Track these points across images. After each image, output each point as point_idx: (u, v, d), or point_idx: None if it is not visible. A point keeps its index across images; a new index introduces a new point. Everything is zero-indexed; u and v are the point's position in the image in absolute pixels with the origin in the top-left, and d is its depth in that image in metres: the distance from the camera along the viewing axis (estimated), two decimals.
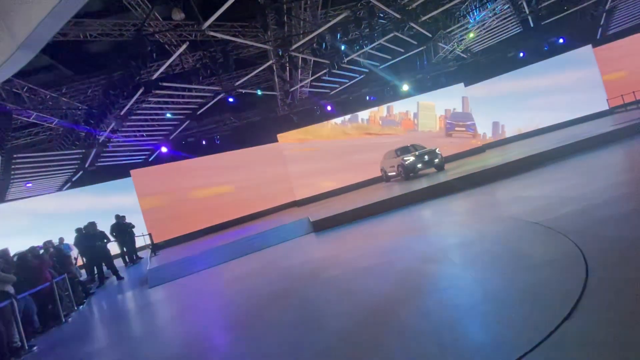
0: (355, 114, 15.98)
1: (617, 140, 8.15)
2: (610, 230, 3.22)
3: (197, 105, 12.23)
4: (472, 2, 11.42)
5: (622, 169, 5.71)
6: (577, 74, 15.16)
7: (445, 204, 6.91)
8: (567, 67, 15.27)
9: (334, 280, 4.11)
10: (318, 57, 11.38)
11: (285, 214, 13.03)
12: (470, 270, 3.34)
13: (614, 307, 2.02)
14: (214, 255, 7.68)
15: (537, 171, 7.36)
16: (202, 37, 9.23)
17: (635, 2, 13.40)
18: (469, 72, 16.22)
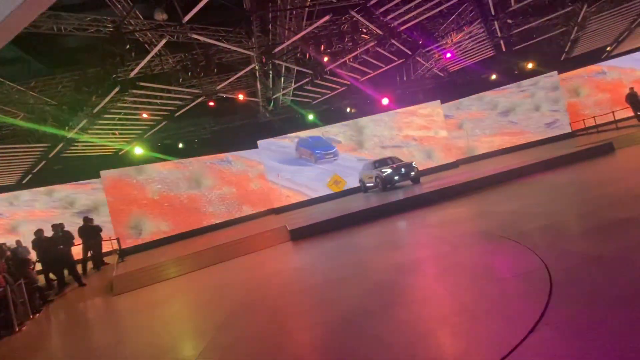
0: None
1: (579, 160, 8.73)
2: (574, 245, 3.42)
3: (176, 107, 11.94)
4: (450, 24, 11.99)
5: (584, 188, 6.10)
6: (544, 98, 16.16)
7: (420, 216, 7.09)
8: (535, 91, 16.25)
9: (309, 290, 4.08)
10: (301, 67, 11.49)
11: (262, 221, 12.85)
12: (442, 282, 3.43)
13: (576, 321, 2.13)
14: (186, 263, 7.42)
15: (505, 187, 7.74)
16: (185, 39, 9.09)
17: (597, 34, 14.56)
18: (445, 90, 16.90)
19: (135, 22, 8.02)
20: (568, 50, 15.59)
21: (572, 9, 11.46)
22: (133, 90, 9.61)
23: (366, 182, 13.36)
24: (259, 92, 13.03)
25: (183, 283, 6.42)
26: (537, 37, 13.83)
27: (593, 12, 12.02)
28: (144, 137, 13.50)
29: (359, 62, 12.19)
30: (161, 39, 8.36)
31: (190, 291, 5.75)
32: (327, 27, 10.33)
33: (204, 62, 9.53)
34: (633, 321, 1.96)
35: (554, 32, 13.56)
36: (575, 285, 2.58)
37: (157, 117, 12.04)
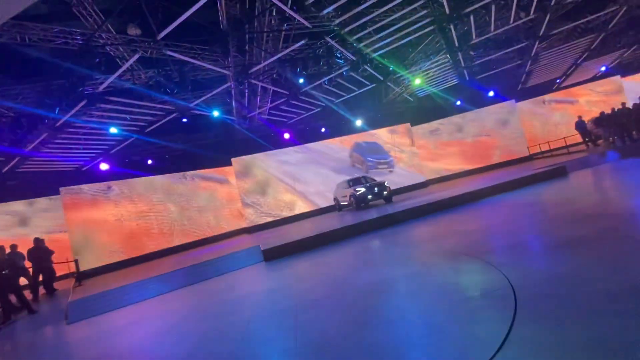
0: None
1: (536, 182, 9.36)
2: (536, 264, 3.62)
3: (146, 122, 11.61)
4: (419, 53, 12.77)
5: (542, 208, 6.53)
6: (504, 123, 17.37)
7: (392, 235, 7.22)
8: (496, 117, 17.45)
9: (282, 313, 3.98)
10: (277, 87, 11.67)
11: (234, 241, 12.51)
12: (414, 302, 3.48)
13: (541, 338, 2.24)
14: (151, 286, 7.01)
15: (470, 207, 8.12)
16: (158, 55, 9.00)
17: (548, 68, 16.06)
18: (414, 114, 17.75)
19: (107, 35, 7.86)
20: (523, 81, 17.02)
21: (526, 45, 12.64)
22: (101, 105, 9.27)
23: (340, 201, 13.49)
24: (234, 109, 13.01)
25: (147, 309, 6.04)
26: (496, 68, 15.02)
27: (544, 47, 13.32)
28: (110, 152, 12.91)
29: (334, 85, 12.57)
30: (134, 54, 8.22)
31: (155, 318, 5.41)
32: (303, 50, 10.65)
33: (178, 78, 9.45)
34: (591, 338, 2.09)
35: (511, 64, 14.82)
36: (538, 302, 2.71)
37: (126, 132, 11.61)
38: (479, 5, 9.30)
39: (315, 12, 8.60)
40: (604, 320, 2.24)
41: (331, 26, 9.33)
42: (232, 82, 10.69)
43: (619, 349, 1.92)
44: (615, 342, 1.98)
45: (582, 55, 15.02)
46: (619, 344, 1.96)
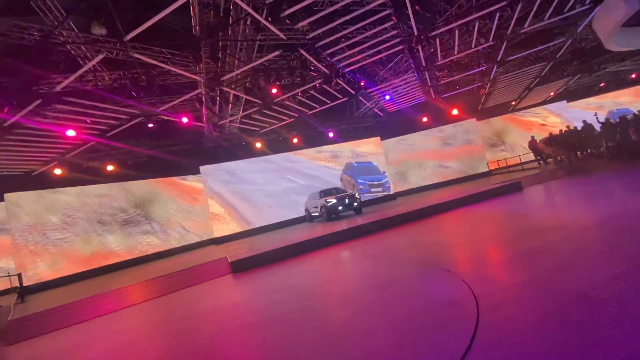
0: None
1: (494, 196, 9.96)
2: (497, 273, 3.82)
3: (108, 126, 10.99)
4: (389, 70, 13.31)
5: (500, 221, 6.94)
6: (466, 140, 18.43)
7: (361, 246, 7.31)
8: (458, 134, 18.47)
9: (249, 327, 3.87)
10: (250, 96, 11.58)
11: (202, 252, 12.03)
12: (381, 313, 3.52)
13: (502, 346, 2.35)
14: (106, 301, 6.53)
15: (435, 219, 8.46)
16: (125, 57, 8.63)
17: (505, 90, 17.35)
18: (384, 128, 18.35)
19: (68, 33, 7.43)
20: (483, 101, 18.23)
21: (486, 68, 13.61)
22: (57, 105, 8.67)
23: (311, 212, 13.49)
24: (204, 117, 12.69)
25: (101, 326, 5.60)
26: (459, 89, 16.00)
27: (502, 72, 14.41)
28: (66, 156, 12.03)
29: (307, 96, 12.71)
30: (97, 54, 7.82)
31: (109, 336, 5.02)
32: (277, 61, 10.71)
33: (146, 82, 9.09)
34: (552, 345, 2.23)
35: (473, 85, 15.86)
36: (499, 311, 2.86)
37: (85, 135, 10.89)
38: (444, 29, 9.92)
39: (290, 25, 8.72)
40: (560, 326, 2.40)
41: (305, 39, 9.50)
42: (204, 88, 10.46)
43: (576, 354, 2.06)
44: (572, 348, 2.13)
45: (534, 80, 16.41)
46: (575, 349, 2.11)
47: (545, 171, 13.05)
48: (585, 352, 2.03)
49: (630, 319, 2.26)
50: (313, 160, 16.83)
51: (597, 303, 2.57)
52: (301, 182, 16.09)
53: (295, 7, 7.63)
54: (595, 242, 4.14)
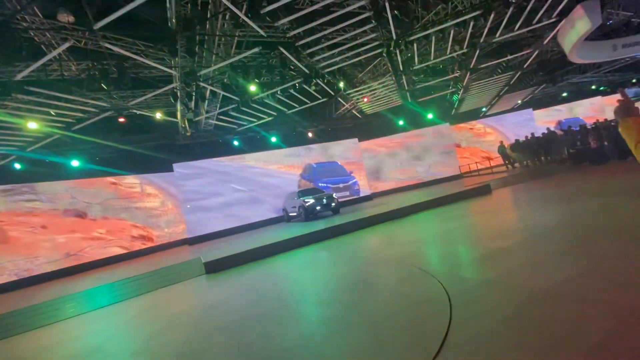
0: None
1: (465, 198, 10.35)
2: (468, 272, 3.96)
3: (74, 119, 10.39)
4: (367, 73, 13.51)
5: (470, 221, 7.22)
6: (440, 144, 19.05)
7: (338, 245, 7.36)
8: (434, 137, 19.06)
9: (224, 329, 3.78)
10: (228, 92, 11.35)
11: (174, 252, 11.64)
12: (359, 312, 3.56)
13: (475, 341, 2.43)
14: (72, 303, 6.16)
15: (409, 219, 8.68)
16: (94, 47, 8.20)
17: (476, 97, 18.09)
18: (362, 130, 18.60)
19: (32, 18, 6.96)
20: (456, 107, 18.91)
21: (460, 75, 14.14)
22: (18, 95, 8.09)
23: (289, 212, 13.43)
24: (179, 112, 12.30)
25: (68, 329, 5.27)
26: (434, 94, 16.52)
27: (474, 79, 15.01)
28: (26, 150, 11.26)
29: (286, 95, 12.64)
30: (64, 42, 7.38)
31: (75, 339, 4.74)
32: (256, 59, 10.57)
33: (117, 74, 8.68)
34: (520, 340, 2.34)
35: (447, 91, 16.42)
36: (471, 308, 2.97)
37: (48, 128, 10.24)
38: (421, 35, 10.20)
39: (270, 22, 8.63)
40: (527, 322, 2.53)
41: (285, 38, 9.44)
42: (179, 83, 10.13)
43: (541, 349, 2.18)
44: (539, 343, 2.24)
45: (503, 88, 17.23)
46: (541, 344, 2.23)
47: (512, 175, 13.73)
48: (551, 346, 2.15)
49: (591, 315, 2.41)
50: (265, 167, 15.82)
51: (561, 299, 2.73)
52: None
53: (275, 4, 7.56)
54: (557, 241, 4.40)
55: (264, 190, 15.32)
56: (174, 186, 13.77)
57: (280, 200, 14.76)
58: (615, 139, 10.91)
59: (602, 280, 2.93)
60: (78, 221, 11.47)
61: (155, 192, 13.33)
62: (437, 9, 9.71)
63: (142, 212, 12.71)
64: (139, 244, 12.34)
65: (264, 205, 15.10)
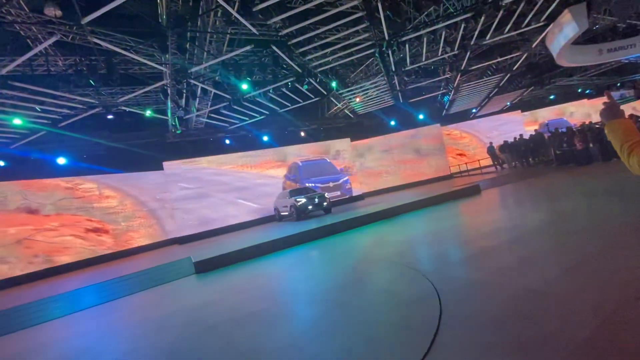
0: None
1: (455, 198, 10.47)
2: (458, 271, 4.01)
3: (61, 115, 10.15)
4: (360, 73, 13.55)
5: (460, 221, 7.32)
6: (430, 144, 19.24)
7: (329, 245, 7.38)
8: (424, 137, 19.23)
9: (215, 329, 3.75)
10: (219, 90, 11.25)
11: (164, 252, 11.50)
12: (350, 311, 3.57)
13: (464, 340, 2.47)
14: (58, 304, 6.03)
15: (400, 219, 8.75)
16: (82, 41, 8.03)
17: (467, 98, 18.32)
18: (354, 130, 18.65)
19: (17, 12, 6.77)
20: (447, 108, 19.11)
21: (450, 76, 14.29)
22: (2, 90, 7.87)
23: (281, 211, 13.39)
24: (169, 110, 12.13)
25: (54, 331, 5.16)
26: (425, 94, 16.67)
27: (464, 81, 15.19)
28: (10, 147, 10.96)
29: (278, 94, 12.59)
30: (50, 37, 7.20)
31: (62, 341, 4.65)
32: (248, 57, 10.50)
33: (105, 70, 8.52)
34: (509, 339, 2.38)
35: (438, 92, 16.59)
36: (460, 307, 3.01)
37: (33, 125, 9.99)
38: (413, 36, 10.27)
39: (262, 20, 8.58)
40: (515, 320, 2.58)
41: (278, 36, 9.39)
42: (169, 80, 9.99)
43: (529, 347, 2.22)
44: (526, 341, 2.29)
45: (492, 90, 17.49)
46: (529, 342, 2.27)
47: (501, 175, 13.96)
48: (539, 344, 2.20)
49: (577, 312, 2.47)
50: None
51: (547, 297, 2.79)
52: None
53: (267, 2, 7.52)
54: (543, 241, 4.49)
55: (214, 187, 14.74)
56: (136, 187, 13.28)
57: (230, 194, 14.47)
58: (600, 141, 11.20)
59: (587, 278, 3.01)
60: (30, 217, 11.04)
61: (113, 193, 12.76)
62: (429, 10, 9.79)
63: (99, 211, 12.31)
64: (93, 235, 12.00)
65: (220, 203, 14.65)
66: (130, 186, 13.10)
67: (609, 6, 11.09)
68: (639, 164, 1.20)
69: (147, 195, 13.35)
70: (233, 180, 14.85)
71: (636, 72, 19.91)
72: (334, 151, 17.39)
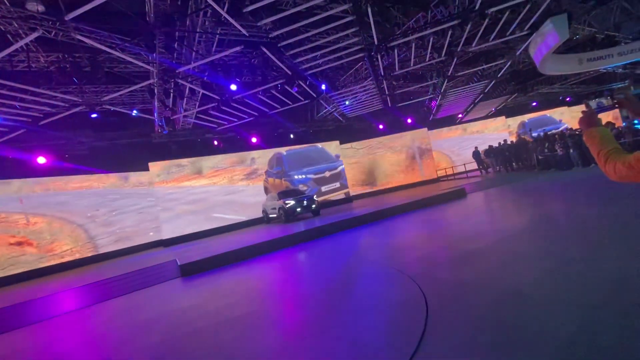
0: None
1: (442, 201, 10.64)
2: (443, 273, 4.07)
3: (42, 113, 9.84)
4: (349, 77, 13.65)
5: (446, 224, 7.43)
6: (417, 148, 19.51)
7: (317, 247, 7.37)
8: (411, 142, 19.48)
9: (200, 334, 3.69)
10: (207, 90, 11.13)
11: (148, 254, 11.24)
12: (336, 314, 3.58)
13: (449, 342, 2.50)
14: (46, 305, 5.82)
15: (386, 221, 8.83)
16: (65, 38, 7.82)
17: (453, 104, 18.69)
18: (343, 133, 18.74)
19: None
20: (434, 112, 19.44)
21: (437, 82, 14.56)
22: None
23: (269, 213, 13.30)
24: (155, 109, 11.92)
25: (31, 336, 4.96)
26: (413, 99, 16.91)
27: (451, 86, 15.49)
28: None
29: (268, 96, 12.54)
30: (32, 32, 6.99)
31: (39, 347, 4.48)
32: (237, 57, 10.43)
33: (89, 68, 8.31)
34: (493, 341, 2.43)
35: (425, 97, 16.85)
36: (446, 308, 3.05)
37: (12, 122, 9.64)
38: (401, 41, 10.42)
39: (252, 22, 8.55)
40: (500, 322, 2.63)
41: (268, 38, 9.37)
42: (156, 79, 9.83)
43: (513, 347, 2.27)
44: (510, 342, 2.34)
45: (478, 96, 17.89)
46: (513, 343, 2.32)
47: (486, 179, 14.27)
48: (522, 344, 2.25)
49: (558, 313, 2.54)
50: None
51: (530, 299, 2.86)
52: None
53: (257, 3, 7.50)
54: (526, 244, 4.61)
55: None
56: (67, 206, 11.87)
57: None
58: (580, 147, 11.59)
59: (568, 280, 3.10)
60: None
61: (40, 220, 11.33)
62: (417, 16, 9.97)
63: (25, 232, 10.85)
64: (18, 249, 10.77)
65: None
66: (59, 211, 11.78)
67: (588, 17, 11.54)
68: (615, 170, 1.25)
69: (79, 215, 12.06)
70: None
71: (613, 81, 20.75)
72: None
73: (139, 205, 12.95)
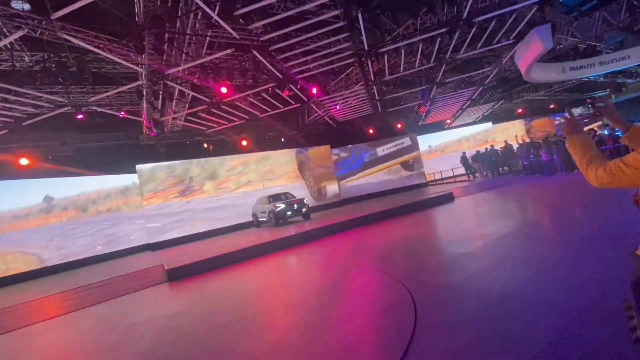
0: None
1: (431, 205, 10.77)
2: (432, 276, 4.11)
3: (25, 114, 9.58)
4: (340, 81, 13.74)
5: (434, 228, 7.52)
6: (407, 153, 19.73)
7: (307, 251, 7.35)
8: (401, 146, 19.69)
9: (187, 339, 3.62)
10: (197, 93, 11.03)
11: (135, 259, 11.01)
12: (327, 317, 3.57)
13: (438, 344, 2.52)
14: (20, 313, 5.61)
15: (376, 225, 8.87)
16: (51, 38, 7.65)
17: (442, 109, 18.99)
18: (334, 137, 18.82)
19: None
20: (423, 118, 19.72)
21: (427, 88, 14.79)
22: None
23: (259, 217, 13.21)
24: (144, 111, 11.74)
25: (11, 343, 4.78)
26: (403, 105, 17.13)
27: (439, 92, 15.75)
28: None
29: (259, 99, 12.51)
30: (17, 31, 6.82)
31: (20, 354, 4.32)
32: (228, 60, 10.38)
33: (76, 68, 8.15)
34: (480, 343, 2.46)
35: (415, 103, 17.09)
36: (434, 311, 3.08)
37: None
38: (391, 47, 10.57)
39: (243, 25, 8.54)
40: (486, 324, 2.67)
41: (259, 41, 9.37)
42: (145, 80, 9.69)
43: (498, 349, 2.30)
44: (494, 344, 2.37)
45: (465, 102, 18.24)
46: (496, 345, 2.36)
47: (473, 184, 14.50)
48: (507, 346, 2.28)
49: (543, 316, 2.60)
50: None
51: (516, 302, 2.91)
52: None
53: (249, 7, 7.50)
54: (512, 247, 4.70)
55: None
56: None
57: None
58: (564, 153, 11.91)
59: (553, 283, 3.17)
60: None
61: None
62: (407, 23, 10.13)
63: None
64: None
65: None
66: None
67: (571, 28, 11.93)
68: (596, 176, 1.29)
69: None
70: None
71: (595, 90, 21.45)
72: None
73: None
